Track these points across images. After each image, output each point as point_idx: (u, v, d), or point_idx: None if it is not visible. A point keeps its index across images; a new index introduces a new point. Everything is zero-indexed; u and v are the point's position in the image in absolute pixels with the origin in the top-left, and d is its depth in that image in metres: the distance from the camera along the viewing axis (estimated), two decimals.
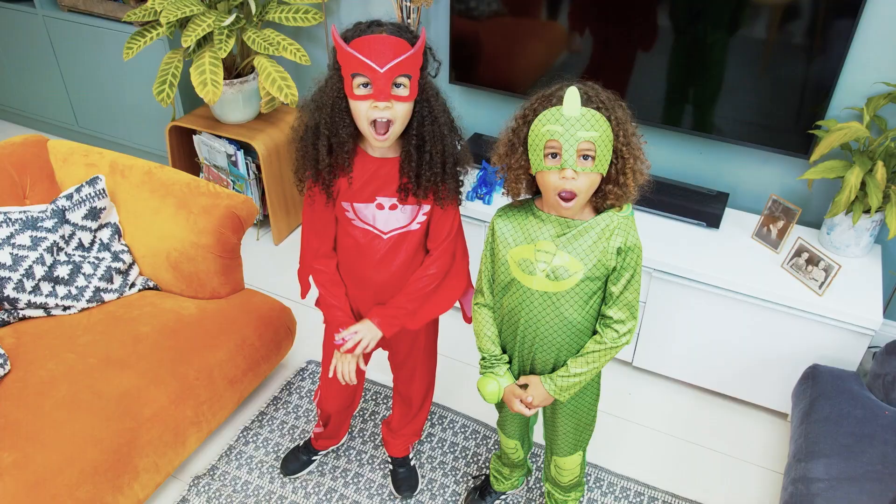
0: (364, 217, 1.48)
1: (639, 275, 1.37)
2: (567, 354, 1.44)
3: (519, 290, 1.40)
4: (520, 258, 1.38)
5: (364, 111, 1.33)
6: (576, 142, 1.23)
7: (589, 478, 2.00)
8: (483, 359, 1.52)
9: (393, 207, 1.47)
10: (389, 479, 1.98)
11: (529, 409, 1.47)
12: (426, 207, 1.49)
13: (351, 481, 1.99)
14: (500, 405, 1.69)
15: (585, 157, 1.24)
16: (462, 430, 2.15)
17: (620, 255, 1.33)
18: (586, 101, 1.24)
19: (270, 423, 2.16)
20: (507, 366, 1.51)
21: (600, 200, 1.34)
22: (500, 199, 2.37)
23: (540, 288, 1.37)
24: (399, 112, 1.34)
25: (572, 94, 1.22)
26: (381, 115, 1.33)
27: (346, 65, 1.31)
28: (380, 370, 2.27)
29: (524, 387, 1.49)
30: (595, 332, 1.42)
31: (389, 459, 1.99)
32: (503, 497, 1.94)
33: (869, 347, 2.24)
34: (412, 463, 1.99)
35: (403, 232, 1.50)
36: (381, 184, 1.45)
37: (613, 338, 1.38)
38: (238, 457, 2.05)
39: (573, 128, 1.22)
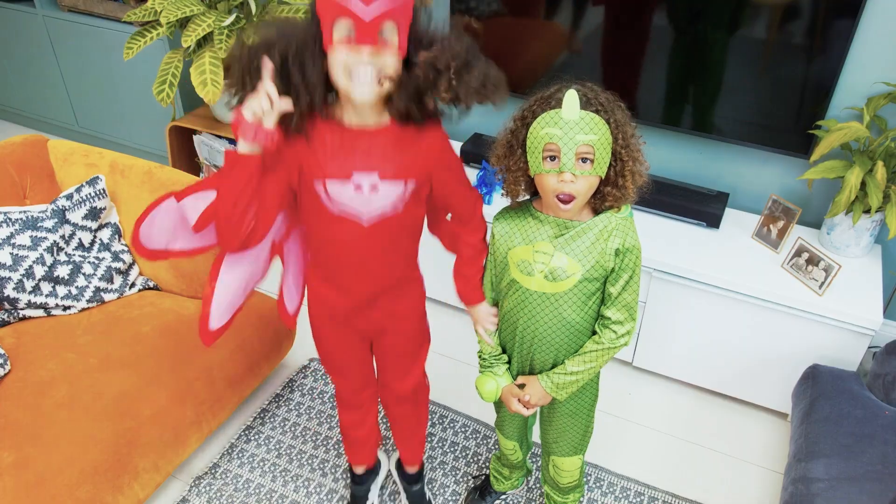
0: (340, 201, 1.27)
1: (637, 276, 1.37)
2: (566, 355, 1.44)
3: (518, 291, 1.40)
4: (518, 259, 1.38)
5: (342, 60, 1.13)
6: (574, 145, 1.22)
7: (589, 478, 2.00)
8: (482, 358, 1.53)
9: (374, 189, 1.27)
10: (401, 496, 1.95)
11: (527, 408, 1.48)
12: (412, 185, 1.30)
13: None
14: (499, 406, 1.69)
15: (584, 160, 1.24)
16: (462, 429, 2.15)
17: (619, 256, 1.33)
18: (585, 103, 1.23)
19: (272, 420, 2.16)
20: (507, 366, 1.51)
21: (599, 202, 1.33)
22: (500, 198, 2.36)
23: (538, 289, 1.37)
24: (387, 63, 1.15)
25: (571, 97, 1.22)
26: (364, 66, 1.12)
27: (325, 11, 1.12)
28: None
29: (522, 387, 1.49)
30: (595, 333, 1.42)
31: (401, 475, 1.94)
32: (503, 497, 1.94)
33: (869, 347, 2.24)
34: (426, 479, 1.95)
35: (387, 218, 1.31)
36: (361, 157, 1.25)
37: (612, 338, 1.38)
38: (240, 455, 2.05)
39: (572, 131, 1.22)
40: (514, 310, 1.43)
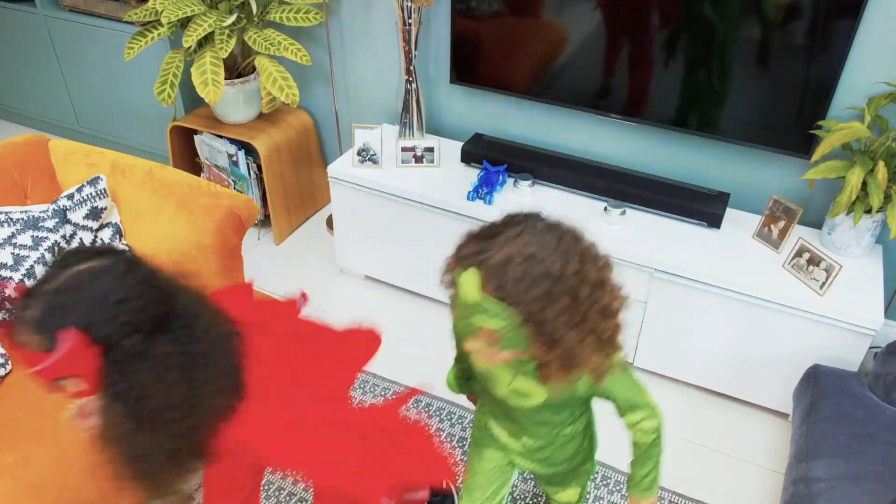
0: None
1: (629, 372, 1.30)
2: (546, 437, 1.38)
3: (486, 384, 1.32)
4: (480, 360, 1.23)
5: None
6: (473, 330, 1.06)
7: (596, 476, 2.00)
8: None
9: None
10: None
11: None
12: None
13: None
14: (471, 468, 1.54)
15: (492, 341, 1.07)
16: (460, 420, 2.15)
17: (588, 381, 1.20)
18: (487, 281, 1.00)
19: None
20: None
21: None
22: (501, 199, 2.37)
23: (504, 396, 1.29)
24: None
25: (467, 280, 1.02)
26: None
27: None
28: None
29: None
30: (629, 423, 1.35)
31: None
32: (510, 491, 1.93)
33: (870, 348, 2.24)
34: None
35: None
36: None
37: (648, 431, 1.33)
38: None
39: (469, 314, 1.04)
40: (485, 392, 1.36)
